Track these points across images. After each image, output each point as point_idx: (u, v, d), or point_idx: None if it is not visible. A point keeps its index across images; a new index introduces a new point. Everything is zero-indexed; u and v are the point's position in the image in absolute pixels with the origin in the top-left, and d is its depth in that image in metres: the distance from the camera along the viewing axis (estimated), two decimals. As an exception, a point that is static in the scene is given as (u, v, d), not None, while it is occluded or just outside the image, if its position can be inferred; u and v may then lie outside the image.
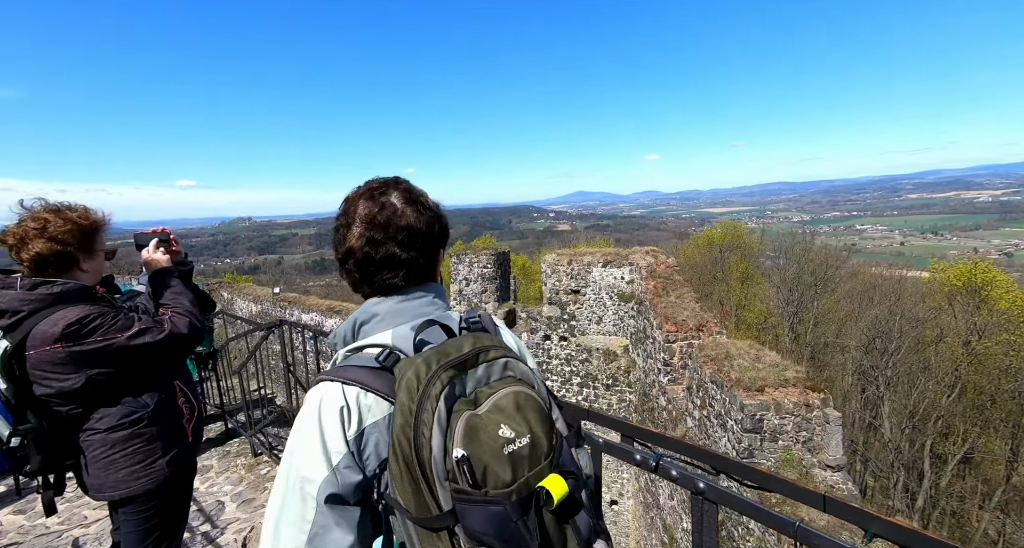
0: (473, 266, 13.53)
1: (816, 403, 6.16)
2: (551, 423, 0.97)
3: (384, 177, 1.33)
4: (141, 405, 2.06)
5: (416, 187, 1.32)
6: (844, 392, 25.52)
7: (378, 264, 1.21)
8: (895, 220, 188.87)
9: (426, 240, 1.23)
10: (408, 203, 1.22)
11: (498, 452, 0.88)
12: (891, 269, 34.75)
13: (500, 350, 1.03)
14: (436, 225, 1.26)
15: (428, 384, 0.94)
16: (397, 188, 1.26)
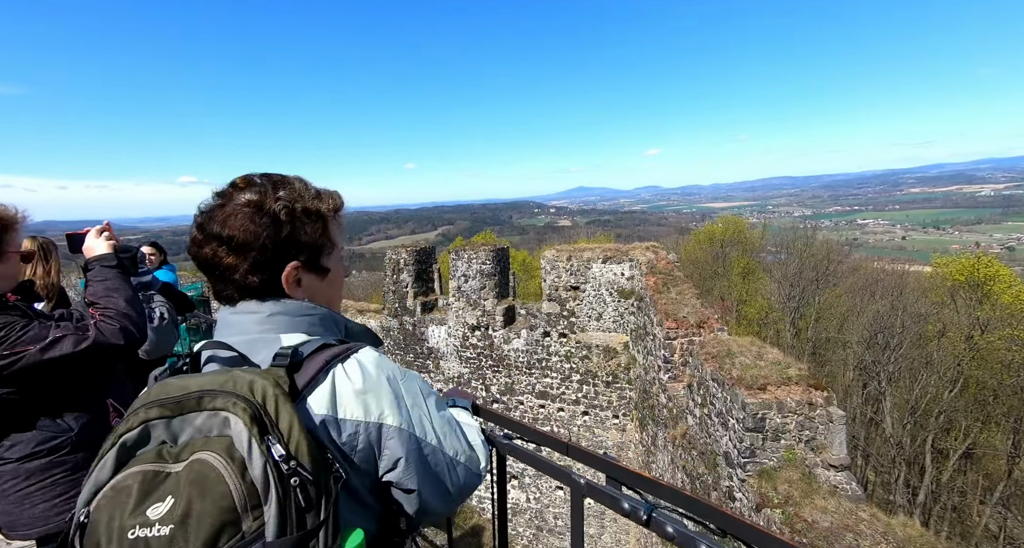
0: (472, 262, 13.40)
1: (819, 401, 6.05)
2: (233, 520, 0.73)
3: (266, 173, 1.19)
4: (62, 429, 1.78)
5: (290, 187, 1.16)
6: (845, 387, 25.45)
7: (205, 270, 1.12)
8: (897, 214, 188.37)
9: (257, 250, 1.08)
10: (245, 206, 1.08)
11: (120, 534, 0.71)
12: (893, 264, 34.57)
13: (230, 400, 0.84)
14: (276, 233, 1.09)
15: (123, 421, 0.84)
16: (251, 187, 1.12)
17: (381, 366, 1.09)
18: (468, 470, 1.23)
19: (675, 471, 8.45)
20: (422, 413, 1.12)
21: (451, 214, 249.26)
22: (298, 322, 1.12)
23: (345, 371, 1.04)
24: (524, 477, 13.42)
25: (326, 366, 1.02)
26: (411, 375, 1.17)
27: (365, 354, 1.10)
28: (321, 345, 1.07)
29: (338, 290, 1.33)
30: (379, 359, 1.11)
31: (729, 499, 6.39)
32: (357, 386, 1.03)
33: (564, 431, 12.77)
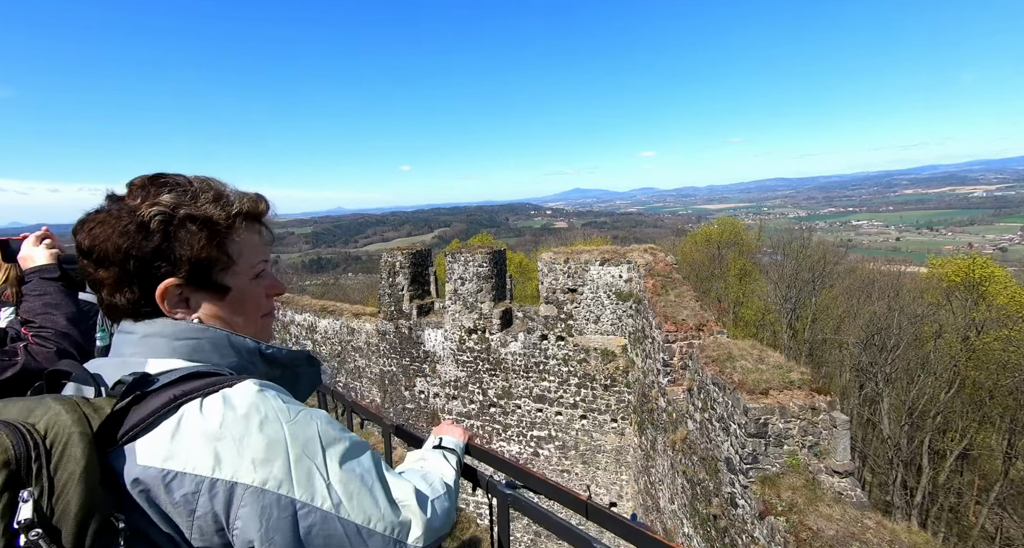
0: (468, 265, 13.29)
1: (822, 406, 5.96)
2: None
3: (161, 173, 1.02)
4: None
5: (180, 190, 1.00)
6: (842, 388, 25.45)
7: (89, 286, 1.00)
8: (890, 216, 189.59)
9: (118, 263, 0.93)
10: (115, 213, 0.95)
11: None
12: (888, 265, 34.70)
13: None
14: (142, 245, 0.94)
15: None
16: (132, 190, 0.99)
17: (257, 404, 0.86)
18: (390, 541, 0.93)
19: (675, 476, 8.34)
20: (313, 467, 0.86)
21: (447, 216, 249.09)
22: (178, 346, 0.96)
23: (201, 409, 0.83)
24: (522, 482, 13.28)
25: (174, 402, 0.83)
26: (309, 416, 0.92)
27: (240, 388, 0.88)
28: (189, 374, 0.88)
29: (250, 312, 1.11)
30: (259, 395, 0.88)
31: (731, 506, 6.29)
32: (210, 429, 0.81)
33: (562, 435, 12.66)
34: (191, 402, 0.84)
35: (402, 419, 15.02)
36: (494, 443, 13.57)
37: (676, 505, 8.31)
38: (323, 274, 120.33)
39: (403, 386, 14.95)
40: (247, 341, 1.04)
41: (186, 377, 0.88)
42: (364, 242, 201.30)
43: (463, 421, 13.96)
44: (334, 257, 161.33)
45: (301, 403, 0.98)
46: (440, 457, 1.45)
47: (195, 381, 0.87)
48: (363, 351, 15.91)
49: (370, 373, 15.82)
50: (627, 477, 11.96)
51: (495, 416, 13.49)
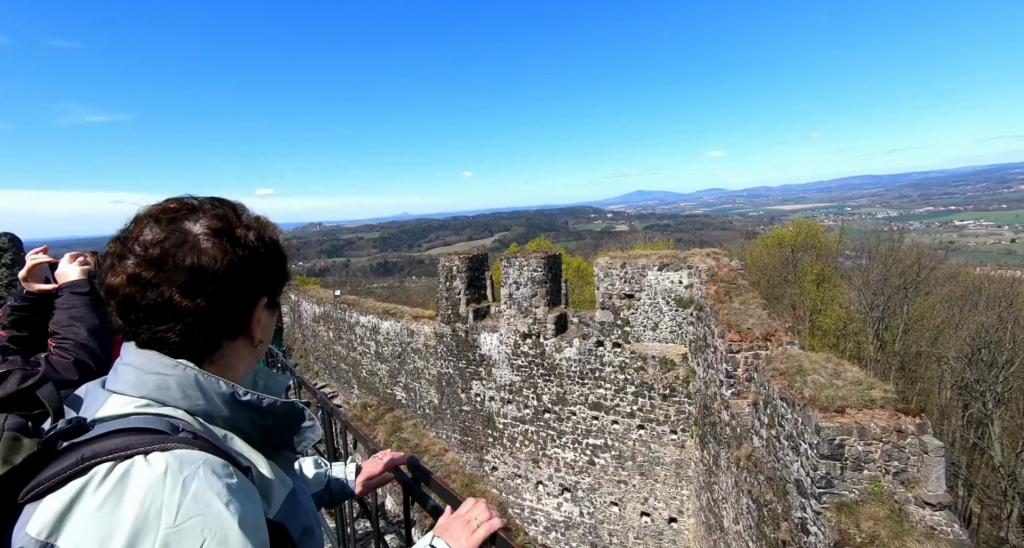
0: (523, 269, 13.31)
1: (911, 429, 5.33)
2: None
3: (201, 197, 0.98)
4: None
5: (245, 215, 0.99)
6: (942, 408, 22.76)
7: (146, 311, 0.88)
8: (1004, 214, 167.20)
9: (225, 285, 0.90)
10: (214, 234, 0.91)
11: None
12: (1000, 269, 30.63)
13: None
14: (250, 266, 0.93)
15: None
16: (207, 213, 0.94)
17: (145, 494, 0.71)
18: None
19: (739, 495, 7.81)
20: None
21: (507, 220, 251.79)
22: (145, 381, 0.88)
23: (101, 480, 0.72)
24: (577, 490, 13.05)
25: (81, 463, 0.73)
26: (198, 529, 0.72)
27: (149, 462, 0.75)
28: (134, 428, 0.79)
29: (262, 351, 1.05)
30: (157, 480, 0.73)
31: (802, 532, 5.78)
32: (94, 508, 0.70)
33: (619, 445, 12.30)
34: (99, 466, 0.74)
35: (459, 421, 15.30)
36: (548, 449, 13.45)
37: (741, 526, 7.78)
38: (389, 277, 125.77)
39: (459, 388, 15.22)
40: (220, 384, 0.93)
41: (125, 431, 0.79)
42: (427, 246, 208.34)
43: (517, 425, 13.97)
44: (399, 261, 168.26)
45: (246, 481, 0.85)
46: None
47: (116, 439, 0.77)
48: (422, 353, 16.39)
49: (428, 375, 16.27)
50: (688, 492, 11.39)
51: (550, 422, 13.37)
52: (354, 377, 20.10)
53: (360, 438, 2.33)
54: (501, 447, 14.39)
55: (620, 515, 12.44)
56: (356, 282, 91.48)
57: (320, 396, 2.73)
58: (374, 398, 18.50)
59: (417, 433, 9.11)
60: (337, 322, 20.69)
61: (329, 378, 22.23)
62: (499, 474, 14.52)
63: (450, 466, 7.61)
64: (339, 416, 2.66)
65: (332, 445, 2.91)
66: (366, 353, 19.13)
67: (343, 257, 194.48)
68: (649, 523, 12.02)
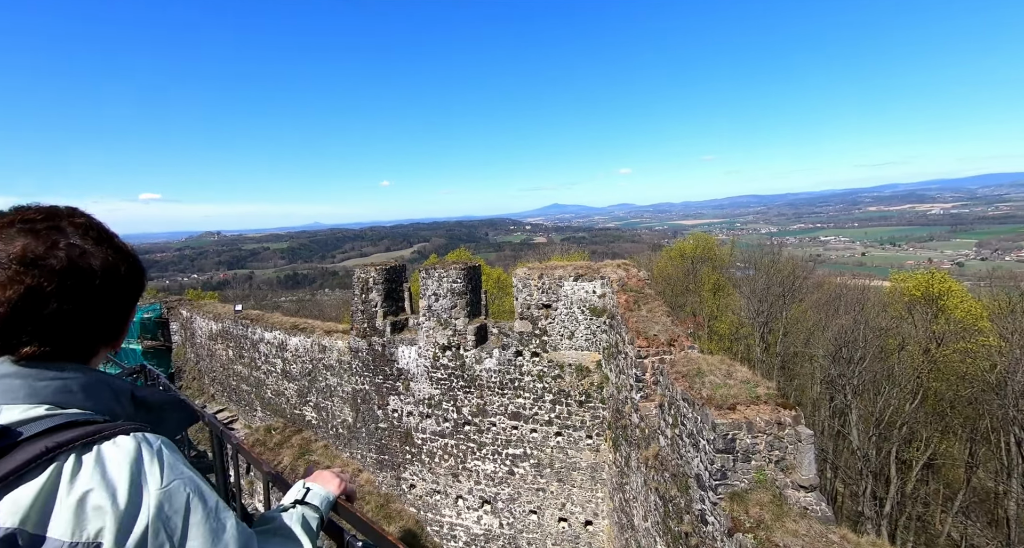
0: (442, 281, 13.19)
1: (788, 421, 6.04)
2: None
3: (44, 205, 0.98)
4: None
5: (98, 221, 1.00)
6: (813, 400, 25.97)
7: (27, 322, 0.88)
8: (856, 232, 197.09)
9: (105, 292, 0.94)
10: (93, 242, 0.94)
11: None
12: (854, 279, 35.93)
13: None
14: (128, 273, 0.98)
15: None
16: (76, 221, 0.95)
17: (130, 466, 0.85)
18: None
19: (648, 493, 8.30)
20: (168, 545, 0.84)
21: (427, 231, 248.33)
22: (40, 388, 0.89)
23: (72, 466, 0.80)
24: (497, 502, 13.04)
25: (47, 455, 0.79)
26: (182, 486, 0.89)
27: (117, 445, 0.86)
28: (64, 423, 0.85)
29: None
30: (135, 455, 0.86)
31: (702, 523, 6.28)
32: (77, 490, 0.78)
33: (538, 453, 12.51)
34: (66, 455, 0.81)
35: (375, 439, 14.65)
36: (469, 462, 13.33)
37: (649, 522, 8.25)
38: (299, 290, 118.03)
39: (376, 405, 14.61)
40: (124, 383, 1.01)
41: (57, 428, 0.83)
42: (341, 257, 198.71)
43: (436, 440, 13.69)
44: (310, 273, 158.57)
45: (180, 454, 0.95)
46: (295, 520, 1.31)
47: (70, 431, 0.83)
48: (335, 369, 15.53)
49: (342, 392, 15.43)
50: (602, 495, 11.86)
51: (470, 434, 13.27)
52: (257, 399, 18.50)
53: (254, 462, 2.15)
54: (420, 463, 14.00)
55: (539, 523, 12.62)
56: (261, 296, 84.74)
57: (208, 419, 2.47)
58: (280, 420, 17.14)
59: (328, 455, 8.55)
60: (238, 339, 18.97)
61: (228, 401, 20.24)
62: (417, 491, 14.09)
63: (364, 487, 7.23)
64: (230, 439, 2.44)
65: (223, 473, 2.64)
66: (271, 372, 17.71)
67: (246, 269, 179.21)
68: (566, 528, 12.32)
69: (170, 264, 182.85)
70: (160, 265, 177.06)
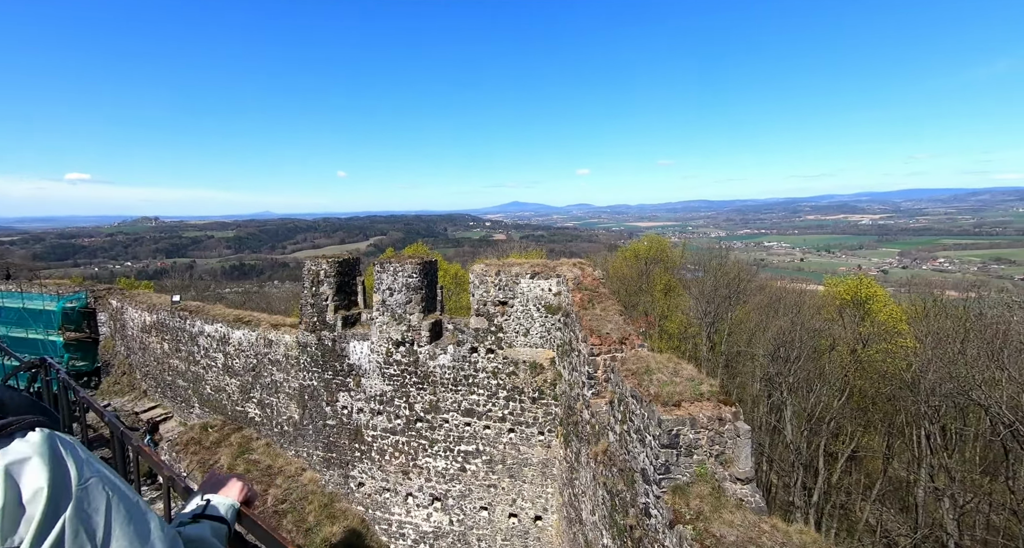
0: (397, 275, 12.92)
1: (728, 417, 6.32)
2: None
3: None
4: None
5: None
6: (753, 397, 27.44)
7: None
8: (796, 238, 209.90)
9: None
10: None
11: None
12: (793, 283, 38.21)
13: None
14: None
15: None
16: None
17: (52, 460, 0.80)
18: None
19: (596, 488, 8.48)
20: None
21: (384, 224, 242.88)
22: None
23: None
24: (448, 498, 12.95)
25: None
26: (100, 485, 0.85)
27: (28, 440, 0.81)
28: None
29: None
30: (48, 448, 0.81)
31: (646, 516, 6.47)
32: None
33: (490, 449, 12.52)
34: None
35: (323, 437, 14.18)
36: (420, 459, 13.16)
37: (597, 517, 8.44)
38: (245, 281, 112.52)
39: (324, 401, 14.15)
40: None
41: None
42: (293, 248, 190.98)
43: (387, 437, 13.43)
44: (258, 263, 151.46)
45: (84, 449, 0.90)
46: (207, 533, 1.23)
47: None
48: (281, 365, 14.90)
49: (288, 388, 14.83)
50: (552, 490, 12.03)
51: (422, 431, 13.10)
52: (195, 395, 17.47)
53: (154, 464, 1.99)
54: (369, 461, 13.68)
55: (489, 519, 12.65)
56: (203, 286, 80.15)
57: (108, 418, 2.27)
58: (219, 417, 16.23)
59: (270, 453, 8.13)
60: (175, 332, 17.83)
61: (162, 397, 19.01)
62: (366, 490, 13.77)
63: (308, 486, 6.94)
64: (130, 440, 2.25)
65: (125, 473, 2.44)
66: (211, 367, 16.77)
67: (187, 257, 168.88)
68: (516, 524, 12.42)
69: (99, 250, 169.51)
70: (87, 251, 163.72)
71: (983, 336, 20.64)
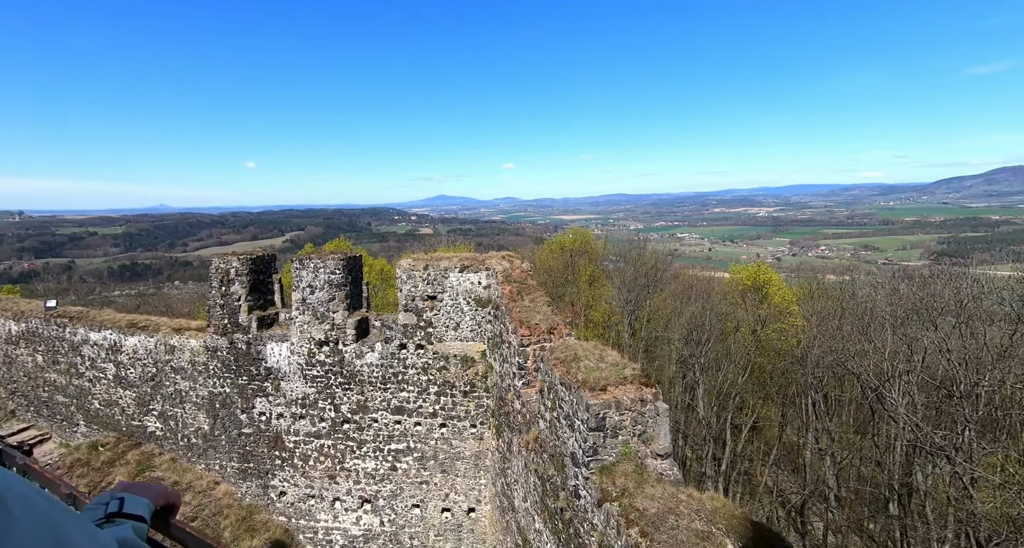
0: (319, 272, 12.26)
1: (649, 397, 6.74)
2: None
3: None
4: None
5: None
6: (670, 378, 29.48)
7: None
8: (705, 229, 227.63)
9: None
10: None
11: None
12: (703, 271, 41.43)
13: None
14: None
15: None
16: None
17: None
18: None
19: (528, 475, 8.69)
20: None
21: (301, 219, 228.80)
22: None
23: None
24: (378, 499, 12.62)
25: None
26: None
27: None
28: None
29: None
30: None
31: (575, 497, 6.74)
32: None
33: (421, 446, 12.35)
34: None
35: (237, 447, 13.17)
36: (347, 462, 12.67)
37: (529, 503, 8.65)
38: (139, 282, 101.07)
39: (239, 409, 13.13)
40: None
41: None
42: (197, 246, 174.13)
43: (310, 442, 12.77)
44: (155, 263, 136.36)
45: None
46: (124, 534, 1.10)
47: None
48: (187, 372, 13.58)
49: (196, 397, 13.57)
50: (485, 481, 12.14)
51: (349, 433, 12.61)
52: (80, 411, 15.44)
53: (47, 483, 1.75)
54: (291, 468, 12.94)
55: (422, 516, 12.52)
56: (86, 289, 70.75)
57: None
58: (112, 434, 14.52)
59: (177, 469, 7.30)
60: (51, 342, 15.58)
61: (36, 417, 16.59)
62: (288, 498, 13.03)
63: (222, 500, 6.37)
64: (14, 459, 1.94)
65: None
66: (100, 379, 14.90)
67: (63, 258, 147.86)
68: (449, 518, 12.40)
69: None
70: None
71: (855, 313, 23.78)
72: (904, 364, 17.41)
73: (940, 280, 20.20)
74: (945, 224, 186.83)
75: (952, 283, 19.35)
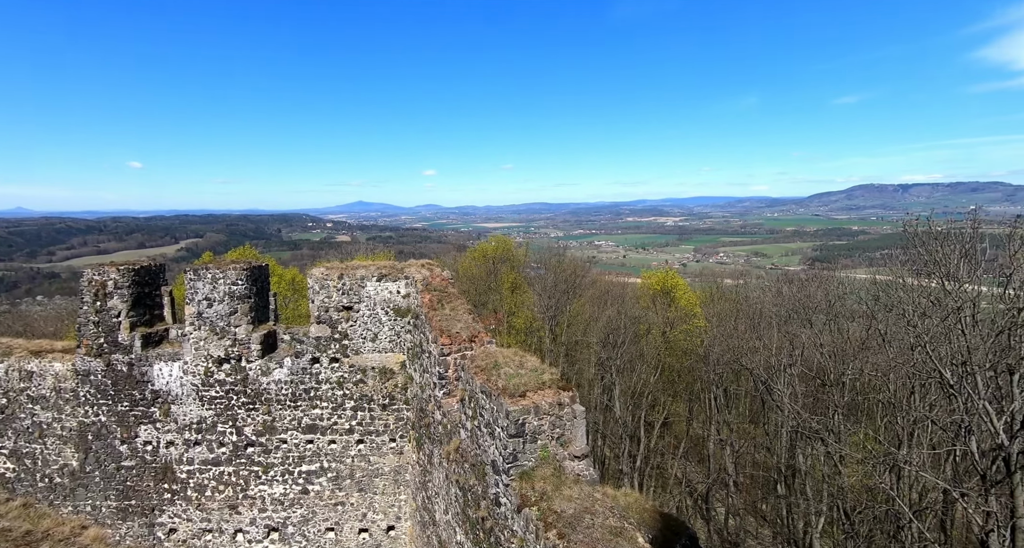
0: (218, 283, 11.18)
1: (566, 401, 6.92)
2: None
3: None
4: None
5: None
6: (589, 381, 30.63)
7: None
8: (620, 237, 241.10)
9: None
10: None
11: None
12: (618, 277, 43.73)
13: None
14: None
15: None
16: None
17: None
18: None
19: (449, 486, 8.53)
20: None
21: (199, 225, 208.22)
22: None
23: None
24: (287, 527, 11.69)
25: None
26: None
27: None
28: None
29: None
30: None
31: (496, 505, 6.72)
32: None
33: (336, 465, 11.66)
34: None
35: (115, 482, 11.53)
36: (251, 489, 11.61)
37: (450, 515, 8.48)
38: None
39: (118, 439, 11.54)
40: None
41: None
42: (66, 255, 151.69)
43: (207, 470, 11.54)
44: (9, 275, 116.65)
45: None
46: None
47: None
48: (49, 401, 11.68)
49: (61, 429, 11.69)
50: (405, 497, 11.73)
51: (254, 457, 11.57)
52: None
53: None
54: (184, 501, 11.59)
55: (337, 540, 11.79)
56: (-87, 305, 58.67)
57: None
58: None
59: (30, 516, 6.02)
60: None
61: None
62: (179, 535, 11.64)
63: (93, 547, 5.39)
64: None
65: None
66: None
67: None
68: (367, 539, 11.80)
69: None
70: None
71: (748, 314, 26.36)
72: (787, 358, 19.60)
73: (814, 283, 23.10)
74: (817, 233, 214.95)
75: (823, 285, 22.20)
